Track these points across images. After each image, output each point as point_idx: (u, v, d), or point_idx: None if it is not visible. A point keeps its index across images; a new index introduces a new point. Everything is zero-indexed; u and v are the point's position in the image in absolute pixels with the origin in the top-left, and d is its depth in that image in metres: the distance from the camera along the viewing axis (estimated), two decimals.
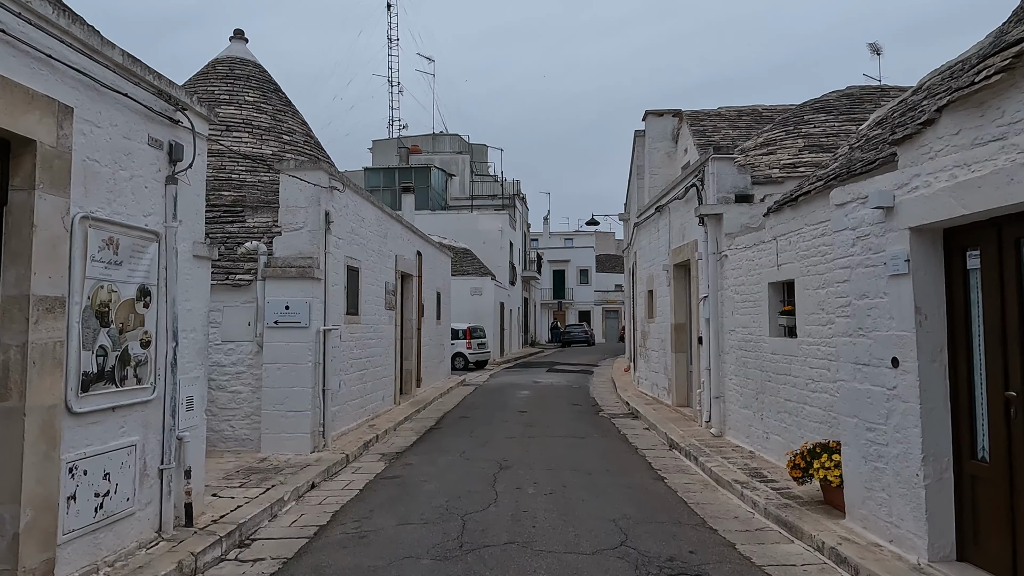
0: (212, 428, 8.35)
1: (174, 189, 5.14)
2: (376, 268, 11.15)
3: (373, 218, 10.99)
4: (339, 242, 9.23)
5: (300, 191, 8.54)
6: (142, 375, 4.80)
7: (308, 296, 8.28)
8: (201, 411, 5.66)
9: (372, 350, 10.90)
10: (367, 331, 10.61)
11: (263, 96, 12.77)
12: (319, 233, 8.51)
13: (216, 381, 8.46)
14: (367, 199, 10.65)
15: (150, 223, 4.90)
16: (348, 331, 9.67)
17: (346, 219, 9.56)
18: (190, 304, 5.46)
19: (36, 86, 3.80)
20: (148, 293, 4.87)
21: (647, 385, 14.35)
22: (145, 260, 4.83)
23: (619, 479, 7.11)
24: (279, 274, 8.30)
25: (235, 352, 8.51)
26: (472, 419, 11.57)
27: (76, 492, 4.13)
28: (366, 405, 10.58)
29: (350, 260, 9.73)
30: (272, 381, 8.24)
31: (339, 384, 9.22)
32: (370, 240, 10.79)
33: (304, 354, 8.24)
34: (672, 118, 14.95)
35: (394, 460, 8.28)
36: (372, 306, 10.90)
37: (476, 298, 26.92)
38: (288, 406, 8.19)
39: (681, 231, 11.24)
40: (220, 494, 6.29)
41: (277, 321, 8.24)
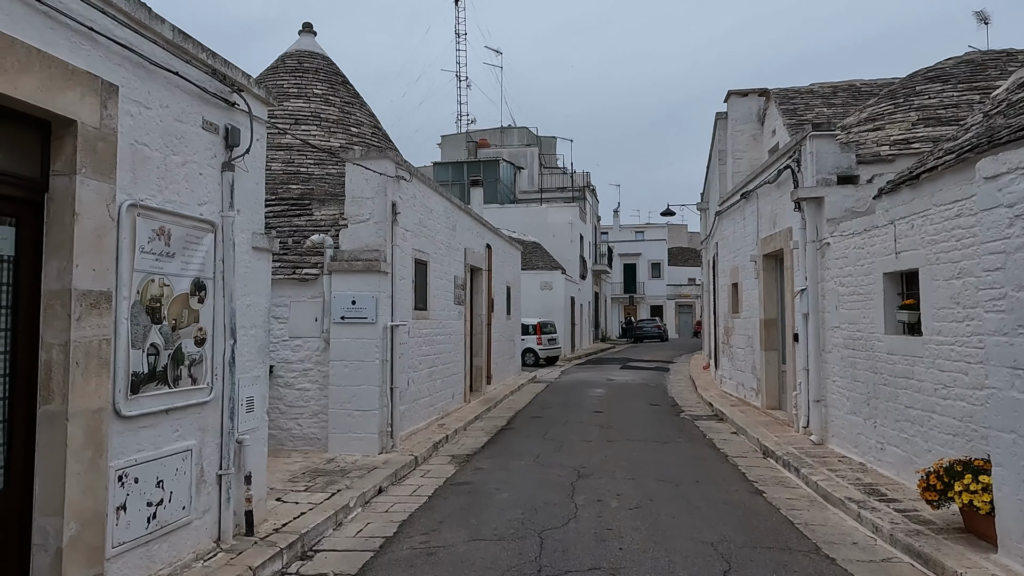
0: (280, 426, 8.14)
1: (231, 176, 4.81)
2: (444, 261, 10.76)
3: (441, 209, 10.59)
4: (406, 234, 8.86)
5: (366, 181, 8.20)
6: (197, 375, 4.49)
7: (375, 290, 7.93)
8: (262, 412, 5.34)
9: (441, 346, 10.53)
10: (436, 327, 10.23)
11: (331, 88, 12.60)
12: (385, 225, 8.15)
13: (283, 378, 8.24)
14: (435, 189, 10.26)
15: (205, 212, 4.58)
16: (416, 327, 9.30)
17: (413, 210, 9.19)
18: (249, 299, 5.13)
19: (77, 62, 3.48)
20: (203, 287, 4.55)
21: (731, 385, 13.42)
22: (200, 252, 4.51)
23: (711, 492, 6.41)
24: (345, 268, 7.98)
25: (302, 348, 8.27)
26: (545, 419, 11.02)
27: (126, 502, 3.83)
28: (435, 403, 10.21)
29: (418, 253, 9.35)
30: (339, 379, 7.94)
31: (407, 382, 8.86)
32: (438, 232, 10.40)
33: (371, 351, 7.90)
34: (758, 98, 13.91)
35: (464, 463, 7.83)
36: (441, 301, 10.51)
37: (546, 293, 26.36)
38: (355, 405, 7.88)
39: (772, 218, 10.31)
40: (284, 498, 6.00)
41: (343, 316, 7.94)
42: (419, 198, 9.44)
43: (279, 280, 8.30)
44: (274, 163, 10.98)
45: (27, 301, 3.42)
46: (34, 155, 3.45)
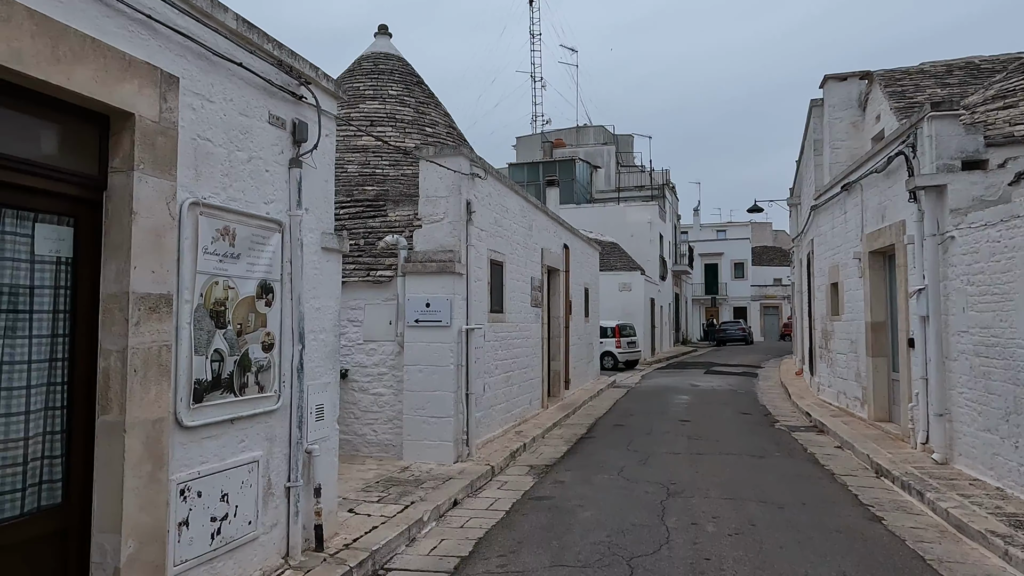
0: (355, 432, 7.97)
1: (298, 173, 4.58)
2: (521, 262, 10.38)
3: (517, 208, 10.22)
4: (481, 234, 8.53)
5: (440, 179, 7.92)
6: (264, 382, 4.26)
7: (449, 292, 7.63)
8: (333, 421, 5.10)
9: (518, 350, 10.15)
10: (512, 330, 9.86)
11: (406, 89, 12.50)
12: (460, 224, 7.84)
13: (358, 383, 8.08)
14: (511, 188, 9.90)
15: (272, 211, 4.35)
16: (492, 330, 8.96)
17: (489, 209, 8.85)
18: (319, 302, 4.90)
19: (135, 52, 3.29)
20: (270, 290, 4.33)
21: (831, 393, 12.39)
22: (266, 253, 4.28)
23: (821, 517, 5.71)
24: (419, 269, 7.73)
25: (376, 352, 8.07)
26: (628, 428, 10.45)
27: (189, 517, 3.62)
28: (512, 410, 9.84)
29: (493, 253, 9.01)
30: (413, 384, 7.69)
31: (483, 388, 8.53)
32: (514, 232, 10.03)
33: (446, 355, 7.60)
34: (859, 81, 12.79)
35: (543, 475, 7.40)
36: (517, 303, 10.14)
37: (625, 294, 25.61)
38: (430, 411, 7.60)
39: (879, 211, 9.35)
40: (356, 510, 5.75)
41: (417, 320, 7.68)
42: (494, 197, 9.10)
43: (354, 282, 8.15)
44: (350, 165, 10.94)
45: (86, 305, 3.25)
46: (93, 151, 3.28)
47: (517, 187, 10.27)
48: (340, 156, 11.18)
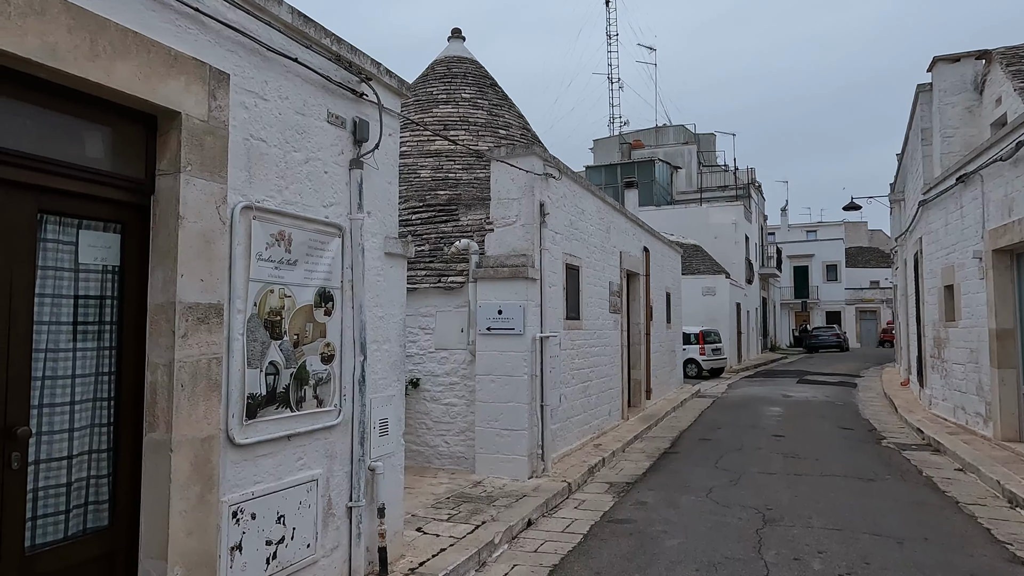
0: (426, 443, 7.73)
1: (359, 174, 4.33)
2: (598, 266, 9.90)
3: (594, 210, 9.76)
4: (556, 237, 8.13)
5: (512, 180, 7.59)
6: (324, 396, 4.02)
7: (522, 299, 7.27)
8: (398, 436, 4.82)
9: (596, 359, 9.67)
10: (589, 337, 9.40)
11: (479, 92, 12.29)
12: (533, 227, 7.47)
13: (429, 392, 7.84)
14: (586, 188, 9.45)
15: (331, 215, 4.12)
16: (568, 338, 8.53)
17: (563, 211, 8.44)
18: (382, 310, 4.63)
19: (182, 47, 3.10)
20: (330, 298, 4.09)
21: (945, 407, 11.19)
22: (325, 259, 4.05)
23: (950, 557, 4.95)
24: (490, 275, 7.41)
25: (448, 361, 7.81)
26: (715, 442, 9.75)
27: (242, 541, 3.40)
28: (590, 421, 9.37)
29: (569, 257, 8.59)
30: (485, 395, 7.37)
31: (559, 398, 8.11)
32: (591, 235, 9.57)
33: (519, 365, 7.24)
34: (975, 62, 11.53)
35: (624, 494, 6.90)
36: (595, 309, 9.66)
37: (708, 298, 24.52)
38: (503, 423, 7.25)
39: (1005, 204, 8.29)
40: (425, 529, 5.46)
41: (489, 327, 7.35)
42: (569, 198, 8.69)
43: (424, 289, 7.93)
44: (423, 170, 10.81)
45: (134, 316, 3.08)
46: (140, 153, 3.12)
47: (593, 187, 9.81)
48: (413, 161, 11.08)
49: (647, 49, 62.27)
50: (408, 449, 7.89)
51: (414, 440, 7.85)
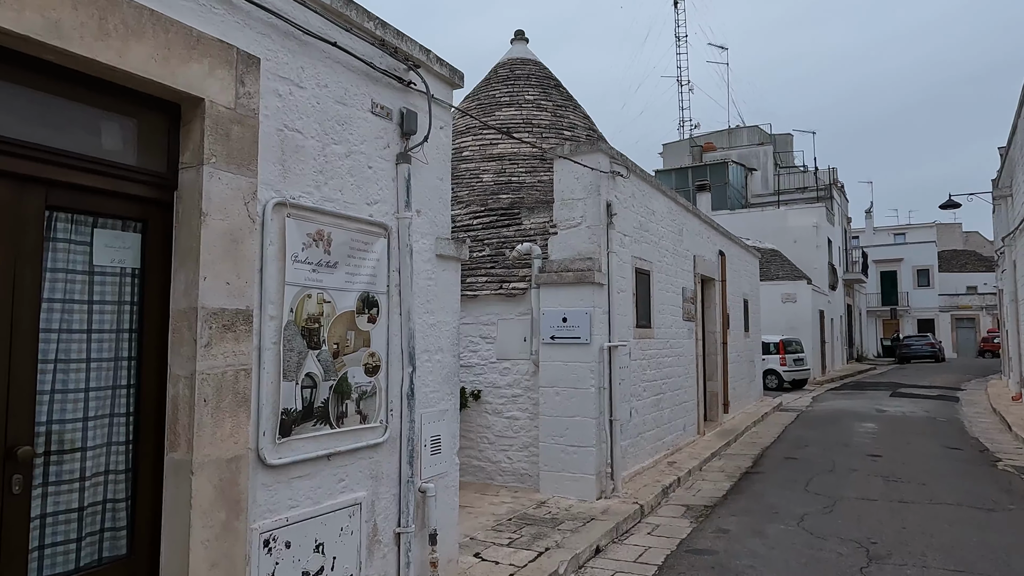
0: (488, 459, 7.33)
1: (407, 170, 3.99)
2: (670, 271, 9.28)
3: (665, 211, 9.16)
4: (624, 239, 7.60)
5: (576, 180, 7.13)
6: (368, 411, 3.67)
7: (588, 305, 6.78)
8: (452, 454, 4.43)
9: (668, 370, 9.04)
10: (661, 347, 8.79)
11: (543, 93, 11.92)
12: (599, 229, 6.98)
13: (491, 404, 7.45)
14: (656, 187, 8.87)
15: (375, 213, 3.79)
16: (638, 347, 7.97)
17: (632, 212, 7.91)
18: (433, 317, 4.27)
19: (206, 28, 2.83)
20: (374, 304, 3.75)
21: None
22: (369, 262, 3.71)
23: None
24: (554, 280, 6.95)
25: (511, 372, 7.40)
26: (803, 462, 8.92)
27: (275, 572, 3.07)
28: (663, 437, 8.74)
29: (638, 261, 8.04)
30: (550, 408, 6.90)
31: (630, 413, 7.55)
32: (662, 237, 8.98)
33: (585, 376, 6.74)
34: None
35: (703, 520, 6.27)
36: (667, 316, 9.05)
37: (788, 306, 23.20)
38: (569, 439, 6.76)
39: None
40: (484, 554, 5.04)
41: (553, 336, 6.89)
42: (638, 198, 8.14)
43: (485, 296, 7.57)
44: (485, 174, 10.50)
45: (156, 324, 2.81)
46: (162, 145, 2.86)
47: (664, 187, 9.21)
48: (475, 165, 10.80)
49: (718, 48, 60.33)
50: (469, 465, 7.52)
51: (475, 455, 7.47)
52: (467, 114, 11.04)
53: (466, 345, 7.67)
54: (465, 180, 10.58)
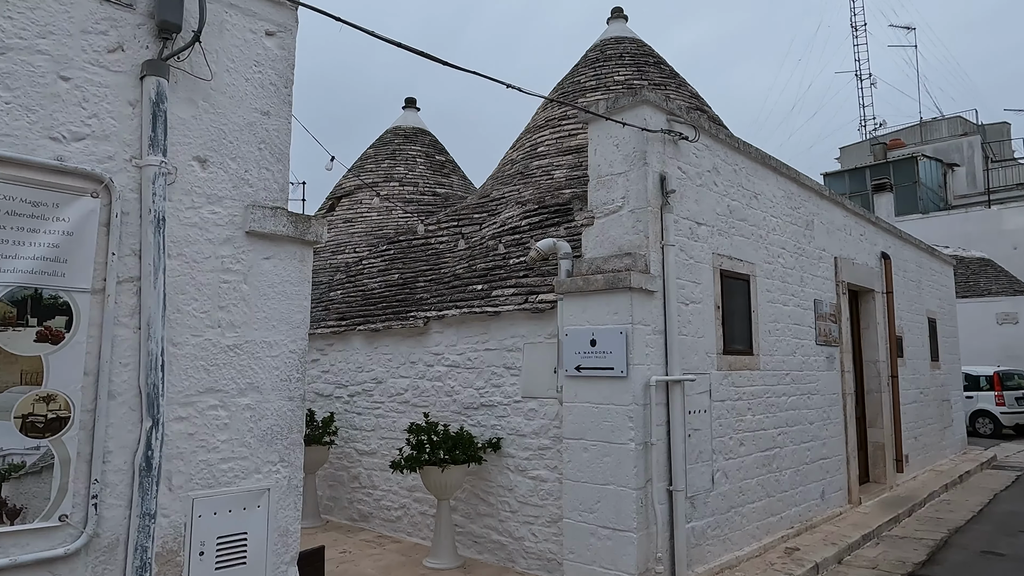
0: (511, 533, 5.42)
1: (156, 87, 2.39)
2: (790, 276, 6.75)
3: (779, 194, 6.71)
4: (697, 229, 5.38)
5: (616, 147, 5.11)
6: (28, 500, 2.07)
7: (623, 321, 4.67)
8: (286, 567, 2.67)
9: (789, 413, 6.47)
10: (774, 380, 6.28)
11: (637, 71, 9.90)
12: (647, 212, 4.87)
13: (514, 459, 5.54)
14: (762, 162, 6.46)
15: (76, 156, 2.23)
16: (728, 382, 5.61)
17: (712, 192, 5.66)
18: (237, 334, 2.59)
19: None
20: (60, 310, 2.16)
21: None
22: (46, 237, 2.15)
23: None
24: (579, 286, 4.94)
25: (537, 415, 5.46)
26: (1013, 561, 5.84)
27: None
28: (781, 511, 6.17)
29: (727, 261, 5.73)
30: (575, 469, 4.84)
31: (711, 478, 5.22)
32: (773, 230, 6.53)
33: (622, 425, 4.61)
34: None
35: None
36: (784, 339, 6.52)
37: (1007, 328, 18.26)
38: (600, 517, 4.64)
39: None
40: None
41: (579, 367, 4.86)
42: (726, 174, 5.86)
43: (510, 313, 5.74)
44: (557, 171, 8.68)
45: None
46: None
47: (777, 162, 6.73)
48: (549, 161, 9.04)
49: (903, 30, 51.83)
50: (487, 539, 5.64)
51: (495, 527, 5.58)
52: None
53: (487, 379, 5.87)
54: (535, 178, 8.88)
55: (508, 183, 9.76)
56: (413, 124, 13.59)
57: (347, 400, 7.27)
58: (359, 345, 7.29)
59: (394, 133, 13.56)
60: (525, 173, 9.53)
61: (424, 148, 13.40)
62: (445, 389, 6.21)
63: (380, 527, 6.64)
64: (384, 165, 12.81)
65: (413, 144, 13.50)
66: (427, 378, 6.42)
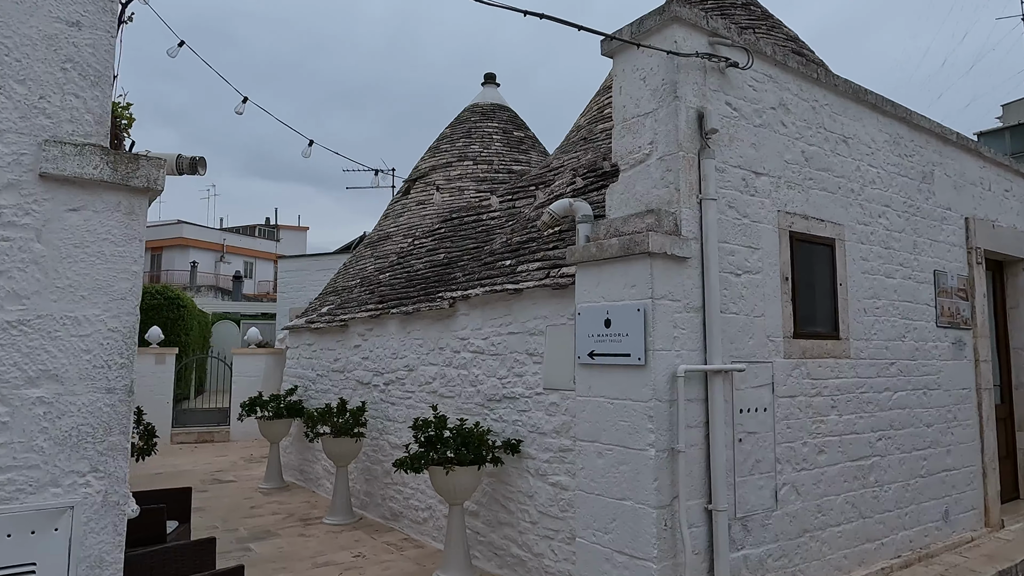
0: (530, 548, 4.64)
1: None
2: (898, 241, 5.37)
3: (881, 139, 5.33)
4: (754, 180, 4.26)
5: (643, 81, 4.12)
6: None
7: (642, 294, 3.70)
8: None
9: (896, 412, 5.13)
10: (871, 371, 4.97)
11: (720, 13, 8.60)
12: (678, 159, 3.85)
13: (534, 461, 4.73)
14: (853, 97, 5.12)
15: None
16: (802, 372, 4.44)
17: (780, 135, 4.49)
18: (24, 307, 2.00)
19: None
20: None
21: None
22: None
23: None
24: (593, 254, 4.01)
25: (558, 410, 4.60)
26: None
27: None
28: (881, 536, 4.88)
29: (800, 220, 4.54)
30: (588, 479, 3.94)
31: (773, 494, 4.11)
32: (872, 182, 5.19)
33: (639, 425, 3.65)
34: None
35: None
36: (887, 318, 5.17)
37: None
38: (616, 539, 3.72)
39: None
40: None
41: (593, 352, 3.94)
42: (799, 112, 4.66)
43: (531, 290, 4.92)
44: None
45: None
46: None
47: (874, 96, 5.32)
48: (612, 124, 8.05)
49: None
50: (507, 553, 4.87)
51: (514, 538, 4.80)
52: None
53: (510, 367, 5.09)
54: (598, 143, 7.95)
55: (571, 150, 8.84)
56: (491, 100, 12.91)
57: (383, 389, 6.76)
58: (394, 330, 6.75)
59: (471, 111, 12.97)
60: (588, 138, 8.58)
61: (501, 124, 12.69)
62: (470, 378, 5.50)
63: (408, 528, 6.07)
64: (459, 144, 12.24)
65: (490, 121, 12.83)
66: (453, 365, 5.74)
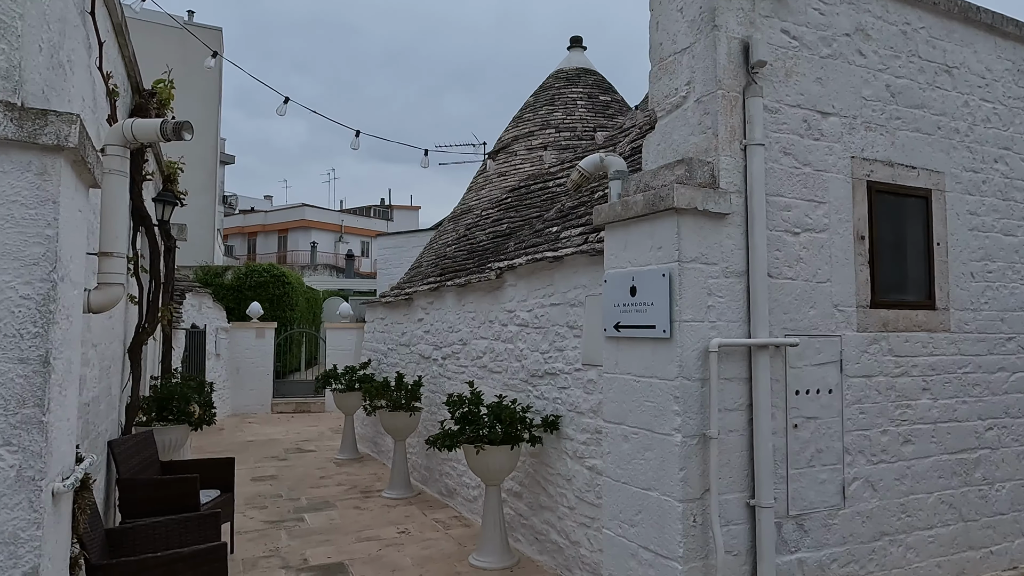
0: (567, 534, 4.35)
1: None
2: (1020, 191, 4.44)
3: (999, 68, 4.40)
4: (820, 121, 3.61)
5: (680, 12, 3.58)
6: None
7: (667, 256, 3.21)
8: None
9: (1011, 397, 4.27)
10: (979, 347, 4.15)
11: None
12: (716, 99, 3.30)
13: (572, 442, 4.38)
14: (960, 18, 4.23)
15: None
16: (882, 347, 3.76)
17: (856, 67, 3.78)
18: None
19: None
20: None
21: None
22: None
23: None
24: (618, 213, 3.54)
25: (596, 388, 4.21)
26: None
27: None
28: (989, 543, 4.09)
29: (883, 168, 3.81)
30: (615, 463, 3.53)
31: (840, 489, 3.51)
32: (984, 121, 4.29)
33: (664, 407, 3.19)
34: None
35: None
36: (1004, 284, 4.30)
37: None
38: (642, 533, 3.31)
39: None
40: None
41: (619, 324, 3.51)
42: (884, 37, 3.90)
43: (572, 258, 4.54)
44: None
45: None
46: None
47: (988, 15, 4.36)
48: None
49: None
50: (547, 538, 4.58)
51: (553, 523, 4.49)
52: None
53: (552, 340, 4.75)
54: None
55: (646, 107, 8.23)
56: (577, 65, 12.36)
57: (440, 363, 6.62)
58: (451, 303, 6.57)
59: (555, 77, 12.49)
60: None
61: (587, 89, 12.12)
62: (516, 353, 5.21)
63: (461, 506, 5.91)
64: (541, 112, 11.84)
65: (575, 86, 12.29)
66: (501, 339, 5.47)
